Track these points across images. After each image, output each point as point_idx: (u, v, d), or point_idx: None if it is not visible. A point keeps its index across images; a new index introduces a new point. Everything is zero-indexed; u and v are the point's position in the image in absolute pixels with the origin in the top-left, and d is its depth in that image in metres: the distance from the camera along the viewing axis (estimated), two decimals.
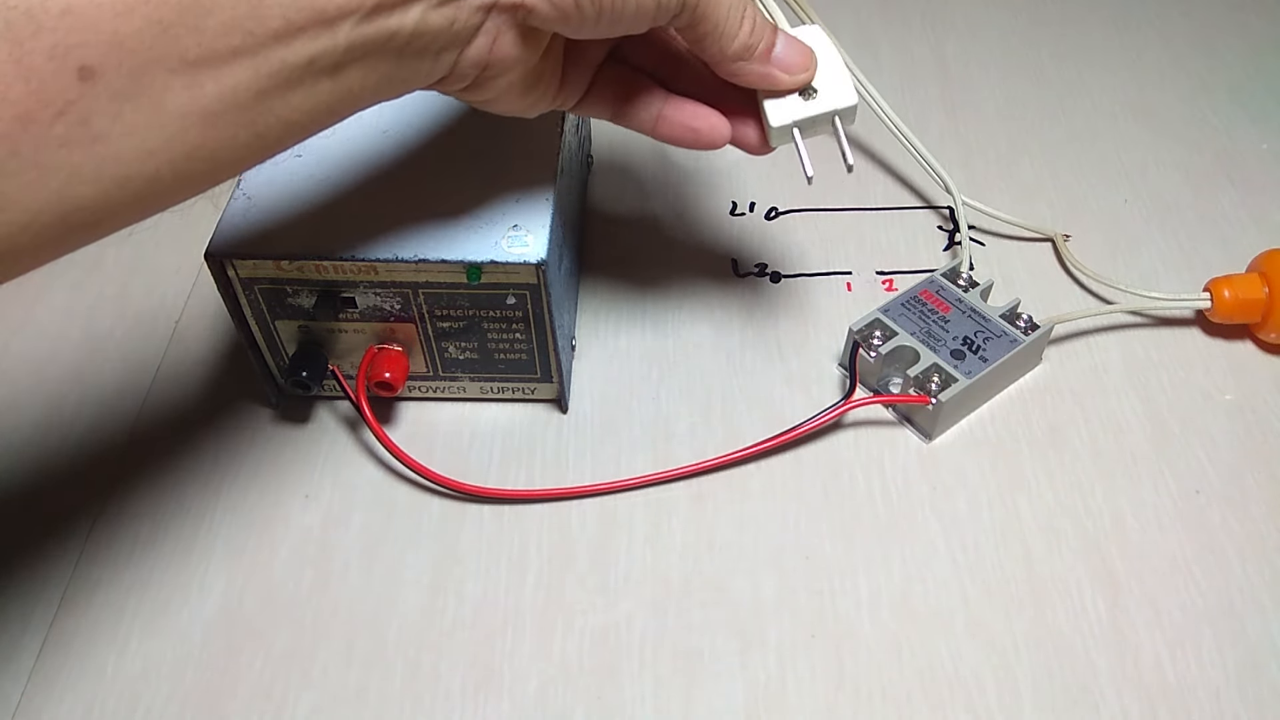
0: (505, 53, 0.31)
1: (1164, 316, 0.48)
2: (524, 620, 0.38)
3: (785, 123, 0.37)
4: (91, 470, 0.42)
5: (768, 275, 0.50)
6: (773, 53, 0.35)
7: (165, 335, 0.48)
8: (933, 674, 0.36)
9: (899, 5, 0.65)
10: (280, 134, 0.28)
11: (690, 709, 0.36)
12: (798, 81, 0.36)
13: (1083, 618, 0.38)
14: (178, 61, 0.24)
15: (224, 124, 0.26)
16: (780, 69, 0.36)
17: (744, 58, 0.35)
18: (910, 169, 0.55)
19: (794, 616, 0.38)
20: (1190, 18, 0.65)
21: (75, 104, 0.23)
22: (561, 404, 0.44)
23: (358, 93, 0.29)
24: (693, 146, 0.38)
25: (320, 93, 0.28)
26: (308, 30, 0.26)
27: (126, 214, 0.26)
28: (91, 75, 0.23)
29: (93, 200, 0.25)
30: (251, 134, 0.27)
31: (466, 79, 0.32)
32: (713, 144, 0.38)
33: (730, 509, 0.41)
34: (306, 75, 0.27)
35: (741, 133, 0.38)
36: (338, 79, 0.28)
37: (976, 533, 0.40)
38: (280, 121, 0.27)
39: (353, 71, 0.28)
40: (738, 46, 0.34)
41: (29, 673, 0.37)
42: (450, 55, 0.30)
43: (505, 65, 0.32)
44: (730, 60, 0.35)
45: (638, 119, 0.38)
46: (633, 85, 0.37)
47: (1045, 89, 0.60)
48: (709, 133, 0.38)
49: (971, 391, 0.42)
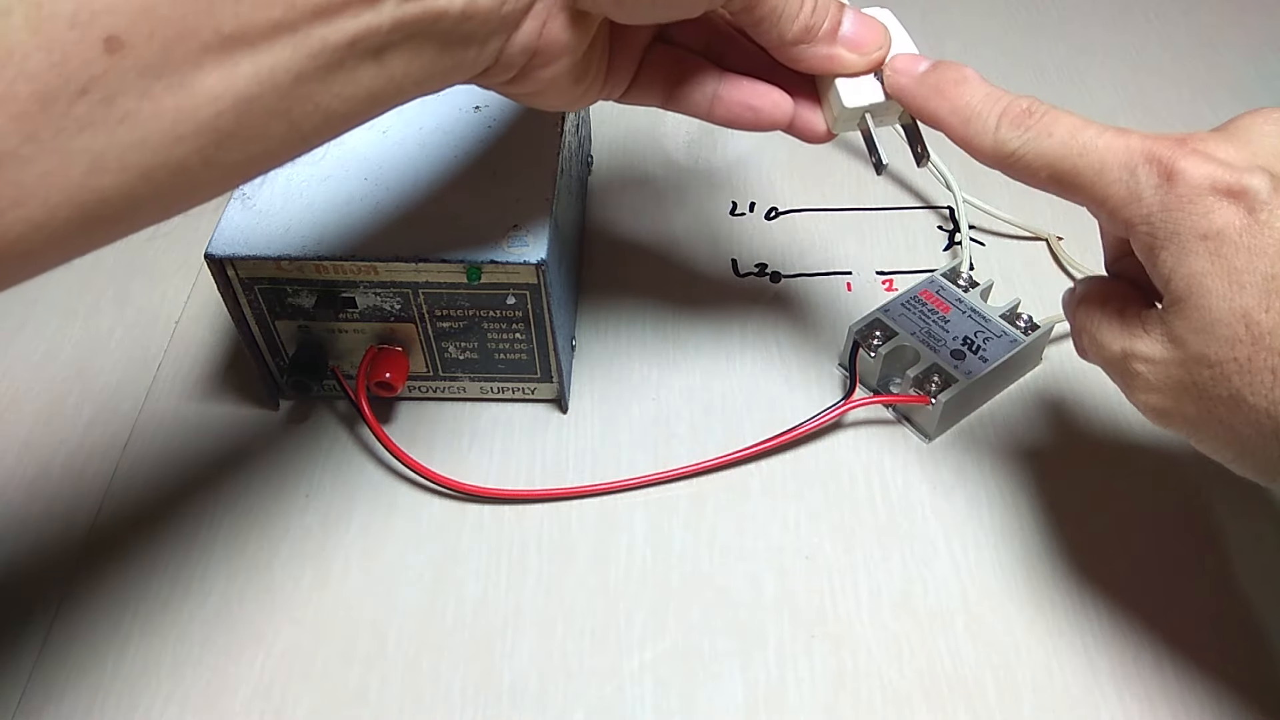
0: (555, 38, 0.29)
1: None
2: (524, 620, 0.38)
3: (859, 105, 0.34)
4: (91, 470, 0.42)
5: (768, 275, 0.50)
6: (840, 31, 0.33)
7: (165, 335, 0.48)
8: (933, 674, 0.36)
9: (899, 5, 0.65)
10: (318, 124, 0.26)
11: (690, 709, 0.36)
12: (869, 62, 0.33)
13: (1083, 618, 0.38)
14: (212, 35, 0.22)
15: (259, 110, 0.24)
16: (849, 48, 0.33)
17: (805, 40, 0.32)
18: (910, 168, 0.55)
19: (794, 616, 0.38)
20: (1190, 18, 0.65)
21: (100, 79, 0.21)
22: (561, 404, 0.44)
23: (400, 80, 0.27)
24: (753, 128, 0.35)
25: (362, 78, 0.26)
26: (351, 6, 0.24)
27: (149, 210, 0.24)
28: (119, 47, 0.21)
29: (115, 192, 0.22)
30: (287, 123, 0.25)
31: (513, 68, 0.30)
32: (775, 124, 0.35)
33: (730, 509, 0.41)
34: (349, 57, 0.25)
35: (802, 117, 0.35)
36: (381, 63, 0.26)
37: (976, 533, 0.40)
38: (319, 110, 0.25)
39: (397, 56, 0.26)
40: (798, 29, 0.32)
41: (29, 673, 0.37)
42: (498, 41, 0.28)
43: (554, 53, 0.30)
44: (791, 45, 0.32)
45: (691, 102, 0.35)
46: (683, 67, 0.35)
47: (1045, 89, 0.60)
48: (771, 111, 0.35)
49: (971, 391, 0.42)
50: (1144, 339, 0.30)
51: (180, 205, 0.25)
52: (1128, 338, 0.31)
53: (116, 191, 0.22)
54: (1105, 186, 0.29)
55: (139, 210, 0.23)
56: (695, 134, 0.57)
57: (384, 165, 0.41)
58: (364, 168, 0.41)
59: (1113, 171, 0.29)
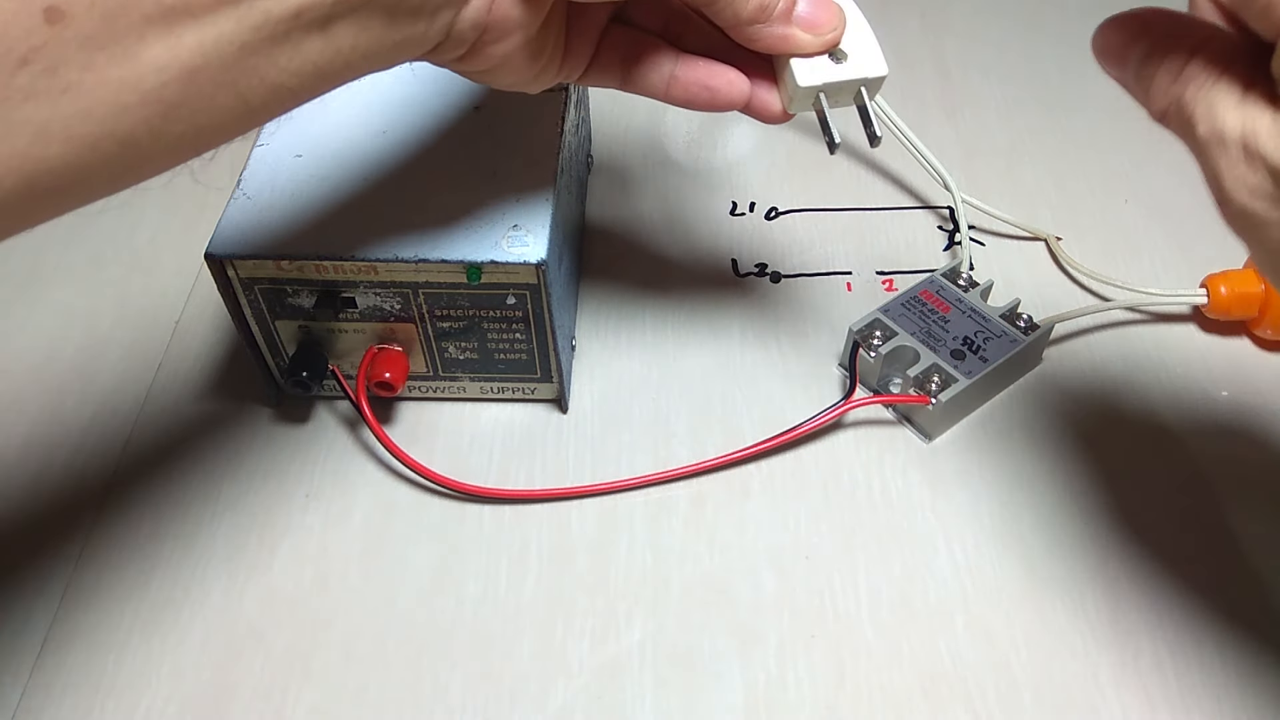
0: (505, 14, 0.30)
1: (1162, 313, 0.48)
2: (524, 620, 0.38)
3: (813, 84, 0.34)
4: (92, 470, 0.42)
5: (768, 275, 0.50)
6: (794, 10, 0.33)
7: (165, 335, 0.48)
8: (933, 674, 0.36)
9: (899, 6, 0.65)
10: (266, 97, 0.26)
11: (690, 709, 0.36)
12: (824, 42, 0.34)
13: (1083, 618, 0.38)
14: (154, 6, 0.22)
15: (205, 82, 0.24)
16: (804, 28, 0.33)
17: (760, 20, 0.32)
18: (910, 169, 0.55)
19: (794, 616, 0.38)
20: None
21: (41, 50, 0.21)
22: (561, 404, 0.44)
23: (348, 54, 0.27)
24: (709, 108, 0.35)
25: (309, 52, 0.26)
26: None
27: (98, 181, 0.24)
28: (60, 17, 0.21)
29: (61, 163, 0.23)
30: (234, 95, 0.25)
31: (464, 44, 0.30)
32: (731, 103, 0.35)
33: (730, 509, 0.41)
34: (294, 29, 0.25)
35: (759, 97, 0.35)
36: (328, 36, 0.26)
37: (976, 533, 0.40)
38: (265, 84, 0.26)
39: (343, 28, 0.26)
40: (753, 8, 0.32)
41: (29, 672, 0.37)
42: (447, 14, 0.29)
43: (505, 29, 0.30)
44: (745, 24, 0.32)
45: (648, 83, 0.35)
46: (641, 48, 0.35)
47: (1045, 89, 0.60)
48: (726, 90, 0.35)
49: (971, 391, 0.42)
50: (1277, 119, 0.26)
51: (129, 177, 0.25)
52: (1255, 113, 0.26)
53: (63, 162, 0.23)
54: None
55: (87, 181, 0.24)
56: (695, 134, 0.57)
57: (384, 165, 0.41)
58: (364, 168, 0.41)
59: None
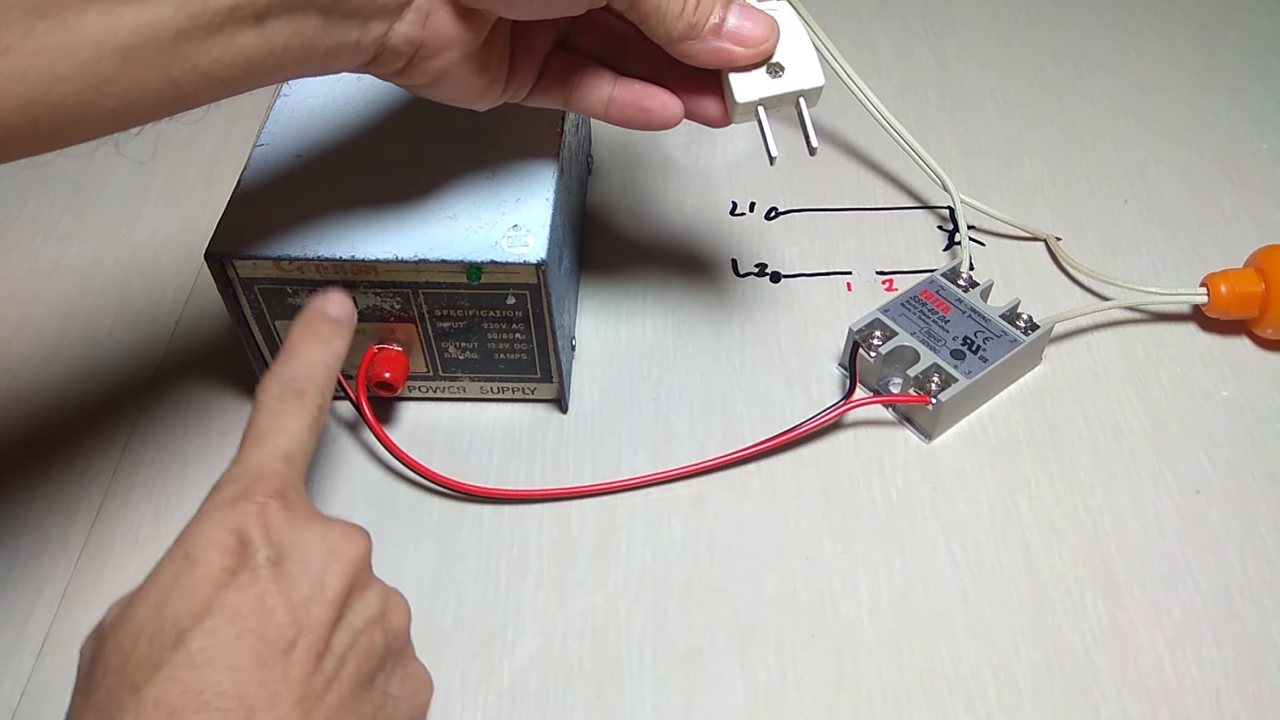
0: (440, 31, 0.30)
1: (1162, 313, 0.48)
2: (524, 620, 0.38)
3: (749, 100, 0.35)
4: (92, 470, 0.42)
5: (768, 275, 0.50)
6: (724, 27, 0.34)
7: (165, 335, 0.48)
8: (933, 674, 0.36)
9: (899, 6, 0.65)
10: (197, 85, 0.27)
11: (690, 709, 0.36)
12: (757, 54, 0.35)
13: (1083, 618, 0.38)
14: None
15: (139, 61, 0.25)
16: (735, 42, 0.34)
17: (691, 36, 0.33)
18: (910, 169, 0.55)
19: (794, 616, 0.38)
20: (1190, 18, 0.65)
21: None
22: (561, 404, 0.44)
23: (281, 54, 0.28)
24: (645, 127, 0.37)
25: (242, 45, 0.27)
26: None
27: (25, 142, 0.25)
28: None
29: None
30: (166, 78, 0.26)
31: (401, 57, 0.31)
32: (665, 123, 0.37)
33: (730, 509, 0.41)
34: (229, 22, 0.26)
35: (701, 107, 0.37)
36: (262, 31, 0.27)
37: (976, 533, 0.40)
38: (197, 71, 0.27)
39: (278, 25, 0.27)
40: (683, 26, 0.33)
41: (29, 672, 0.37)
42: (380, 25, 0.30)
43: (440, 45, 0.31)
44: (677, 41, 0.33)
45: (588, 103, 0.37)
46: (582, 71, 0.36)
47: (1045, 89, 0.60)
48: (660, 111, 0.36)
49: (971, 391, 0.42)
50: None
51: (57, 141, 0.26)
52: None
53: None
54: None
55: (14, 141, 0.25)
56: (695, 134, 0.57)
57: (384, 165, 0.41)
58: (364, 168, 0.41)
59: None
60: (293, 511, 0.28)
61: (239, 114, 0.57)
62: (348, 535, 0.29)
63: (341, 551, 0.28)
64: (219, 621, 0.25)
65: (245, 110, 0.57)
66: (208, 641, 0.25)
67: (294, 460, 0.30)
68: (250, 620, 0.25)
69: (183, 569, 0.26)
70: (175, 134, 0.57)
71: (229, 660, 0.25)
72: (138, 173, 0.55)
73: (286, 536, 0.27)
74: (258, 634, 0.25)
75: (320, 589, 0.27)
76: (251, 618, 0.25)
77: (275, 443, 0.29)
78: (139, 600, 0.26)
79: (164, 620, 0.25)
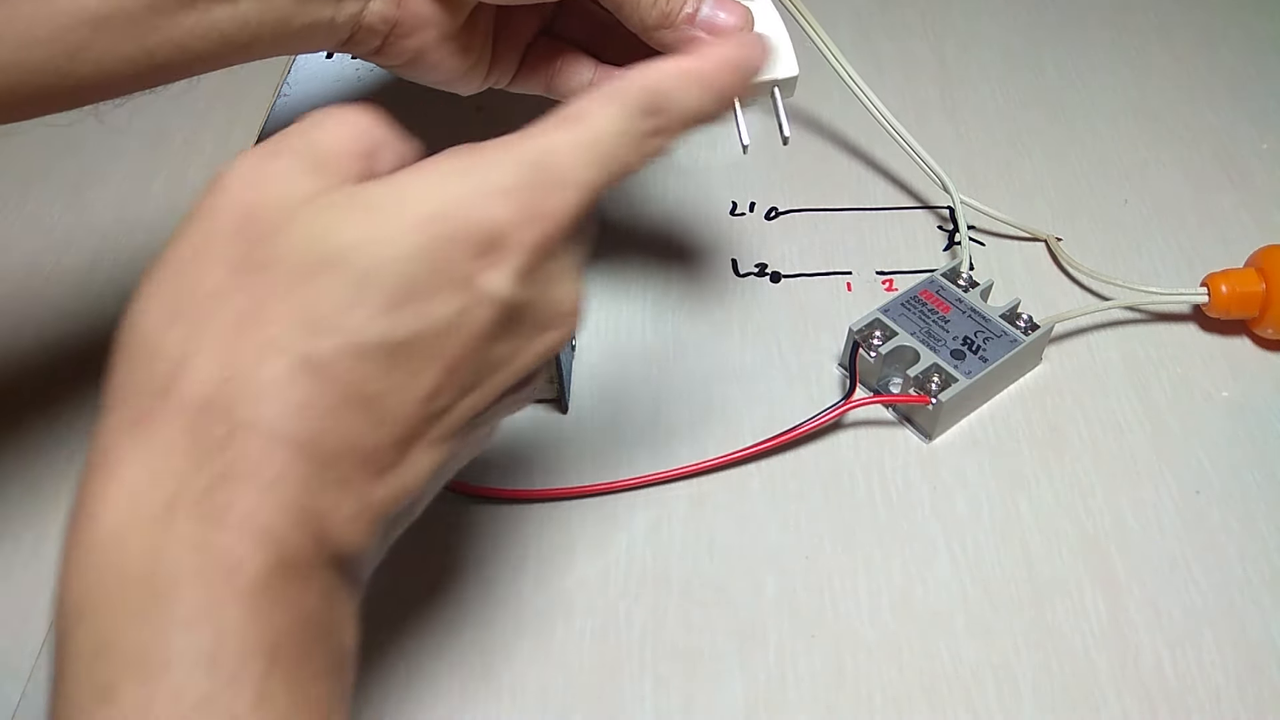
0: (415, 11, 0.31)
1: (1162, 313, 0.48)
2: (524, 620, 0.38)
3: None
4: None
5: (768, 275, 0.50)
6: (698, 16, 0.34)
7: None
8: (933, 674, 0.36)
9: (899, 5, 0.65)
10: (171, 55, 0.27)
11: (690, 709, 0.36)
12: None
13: (1083, 618, 0.38)
14: None
15: (111, 31, 0.26)
16: (708, 31, 0.34)
17: (664, 25, 0.34)
18: (910, 169, 0.55)
19: (794, 616, 0.38)
20: (1190, 18, 0.65)
21: None
22: (561, 404, 0.44)
23: (255, 29, 0.28)
24: None
25: (215, 19, 0.27)
26: None
27: (3, 108, 0.26)
28: None
29: None
30: (140, 48, 0.27)
31: (376, 36, 0.31)
32: None
33: (730, 509, 0.41)
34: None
35: None
36: (235, 6, 0.28)
37: (976, 533, 0.40)
38: (171, 43, 0.27)
39: (250, 1, 0.28)
40: (656, 15, 0.33)
41: (29, 672, 0.37)
42: (354, 4, 0.30)
43: (415, 25, 0.31)
44: (651, 30, 0.34)
45: (569, 90, 0.37)
46: (564, 57, 0.37)
47: (1045, 89, 0.60)
48: None
49: (971, 391, 0.42)
50: None
51: (31, 109, 0.27)
52: None
53: None
54: None
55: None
56: (695, 134, 0.57)
57: None
58: None
59: None
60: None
61: (239, 114, 0.57)
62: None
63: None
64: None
65: (245, 110, 0.57)
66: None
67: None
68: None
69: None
70: (175, 134, 0.57)
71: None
72: (138, 173, 0.55)
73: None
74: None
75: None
76: None
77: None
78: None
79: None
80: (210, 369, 0.21)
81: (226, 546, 0.20)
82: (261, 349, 0.21)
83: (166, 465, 0.21)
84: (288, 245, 0.22)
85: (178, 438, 0.21)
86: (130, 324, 0.23)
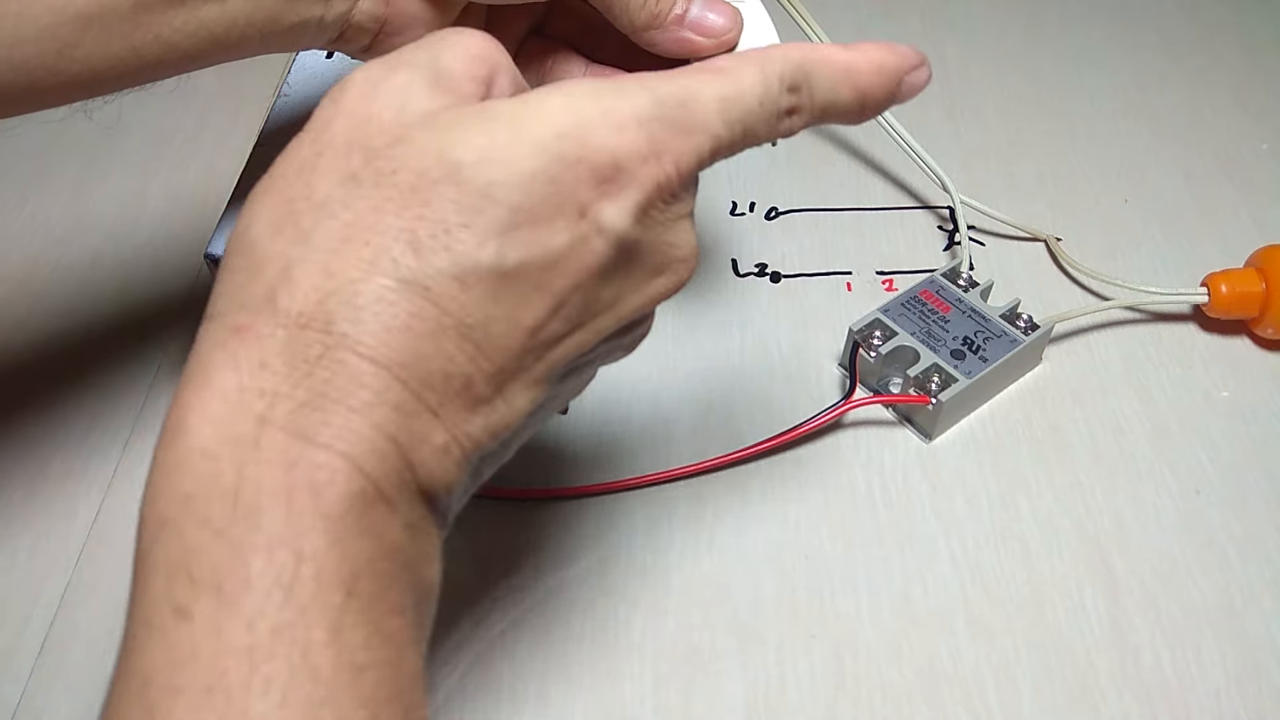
0: (403, 9, 0.31)
1: (1162, 313, 0.48)
2: (525, 620, 0.38)
3: None
4: (93, 470, 0.42)
5: (768, 275, 0.50)
6: (687, 17, 0.34)
7: (165, 335, 0.47)
8: (933, 674, 0.36)
9: (899, 5, 0.65)
10: (159, 54, 0.27)
11: (690, 709, 0.36)
12: (720, 45, 0.35)
13: (1083, 618, 0.38)
14: None
15: (99, 28, 0.26)
16: (698, 32, 0.34)
17: (654, 26, 0.33)
18: (910, 169, 0.55)
19: (794, 616, 0.38)
20: (1190, 18, 0.65)
21: None
22: None
23: (244, 27, 0.28)
24: None
25: (204, 18, 0.27)
26: None
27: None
28: None
29: None
30: (128, 46, 0.27)
31: (366, 34, 0.31)
32: None
33: (730, 509, 0.41)
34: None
35: None
36: (223, 4, 0.28)
37: (976, 533, 0.40)
38: (160, 41, 0.27)
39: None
40: (645, 15, 0.33)
41: (29, 672, 0.37)
42: (343, 2, 0.30)
43: (404, 23, 0.31)
44: (640, 30, 0.34)
45: None
46: (555, 58, 0.37)
47: (1045, 89, 0.60)
48: None
49: (971, 391, 0.42)
50: None
51: (22, 104, 0.27)
52: None
53: None
54: None
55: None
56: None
57: None
58: None
59: None
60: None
61: (239, 114, 0.57)
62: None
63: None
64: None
65: (245, 110, 0.57)
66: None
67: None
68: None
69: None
70: (175, 134, 0.57)
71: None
72: (138, 173, 0.55)
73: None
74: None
75: None
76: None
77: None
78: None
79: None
80: (313, 280, 0.21)
81: (314, 465, 0.20)
82: (366, 265, 0.21)
83: (261, 380, 0.20)
84: (402, 159, 0.21)
85: (275, 351, 0.20)
86: (237, 232, 0.22)
